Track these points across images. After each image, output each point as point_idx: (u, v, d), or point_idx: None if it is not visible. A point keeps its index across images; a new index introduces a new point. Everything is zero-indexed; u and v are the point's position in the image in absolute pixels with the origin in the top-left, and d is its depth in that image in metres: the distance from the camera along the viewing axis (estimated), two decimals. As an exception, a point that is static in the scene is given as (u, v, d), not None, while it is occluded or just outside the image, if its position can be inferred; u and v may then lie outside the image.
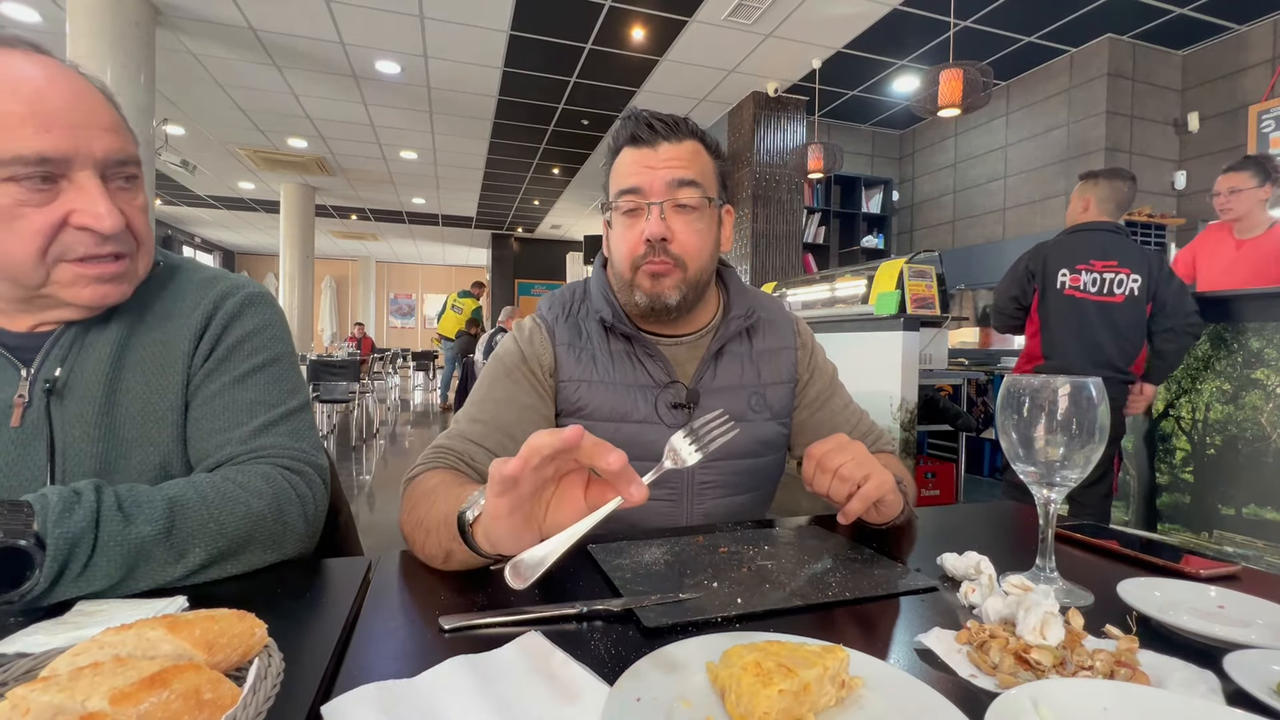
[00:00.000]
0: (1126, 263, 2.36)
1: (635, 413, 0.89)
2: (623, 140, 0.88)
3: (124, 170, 0.66)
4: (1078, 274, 2.42)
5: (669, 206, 0.84)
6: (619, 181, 0.86)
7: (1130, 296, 2.35)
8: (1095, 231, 2.44)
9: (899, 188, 6.72)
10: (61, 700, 0.31)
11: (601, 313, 0.91)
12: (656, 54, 4.90)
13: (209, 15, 4.36)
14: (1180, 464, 2.59)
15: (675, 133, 0.86)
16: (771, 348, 0.98)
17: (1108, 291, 2.38)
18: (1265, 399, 2.32)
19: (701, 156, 0.88)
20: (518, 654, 0.46)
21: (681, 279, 0.86)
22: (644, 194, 0.84)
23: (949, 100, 3.58)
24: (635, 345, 0.92)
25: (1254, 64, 4.37)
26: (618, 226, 0.88)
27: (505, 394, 0.88)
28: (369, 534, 3.15)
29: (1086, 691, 0.39)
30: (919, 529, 0.84)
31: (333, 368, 5.72)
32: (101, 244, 0.63)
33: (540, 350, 0.91)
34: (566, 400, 0.90)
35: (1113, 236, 2.43)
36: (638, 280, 0.87)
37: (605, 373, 0.90)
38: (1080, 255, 2.43)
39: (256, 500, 0.64)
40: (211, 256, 13.98)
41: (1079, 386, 0.58)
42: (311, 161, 7.71)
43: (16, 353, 0.67)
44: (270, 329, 0.78)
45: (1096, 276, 2.39)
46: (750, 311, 0.96)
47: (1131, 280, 2.35)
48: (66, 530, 0.52)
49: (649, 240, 0.84)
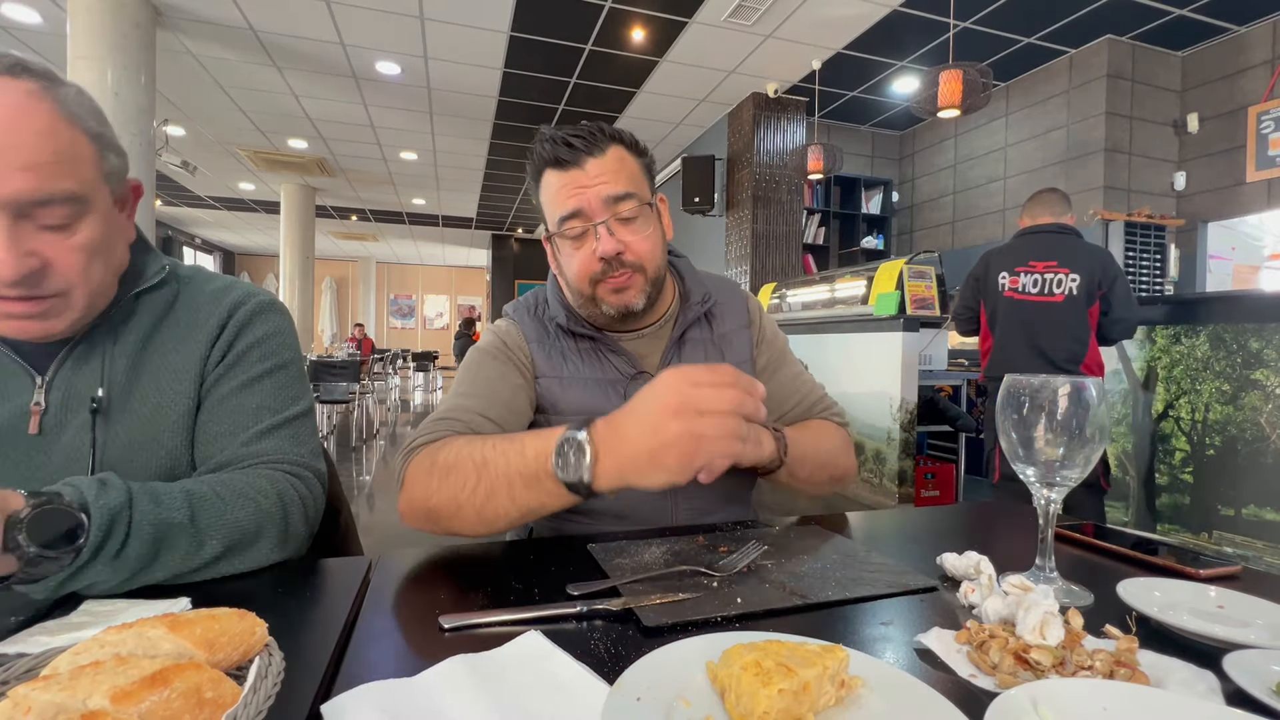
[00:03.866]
0: (1067, 262, 2.40)
1: (608, 406, 0.89)
2: (544, 164, 0.86)
3: (50, 213, 0.60)
4: (1016, 275, 2.47)
5: (613, 222, 0.84)
6: (556, 208, 0.85)
7: (1070, 296, 2.38)
8: (1041, 233, 2.50)
9: (899, 189, 6.72)
10: (63, 699, 0.31)
11: (557, 318, 0.92)
12: (656, 55, 4.90)
13: (209, 16, 4.36)
14: (1180, 464, 2.59)
15: (595, 145, 0.85)
16: (730, 330, 1.00)
17: (1047, 291, 2.41)
18: (1265, 399, 2.32)
19: (627, 161, 0.87)
20: (518, 654, 0.46)
21: (643, 282, 0.87)
22: (586, 216, 0.84)
23: (949, 101, 3.58)
24: (598, 343, 0.93)
25: (1253, 65, 4.38)
26: (566, 249, 0.88)
27: (497, 373, 0.89)
28: (369, 534, 3.15)
29: (1086, 691, 0.39)
30: (919, 529, 0.84)
31: (333, 368, 5.73)
32: (9, 287, 0.59)
33: (518, 341, 0.93)
34: (543, 396, 0.91)
35: (1058, 237, 2.46)
36: (600, 295, 0.87)
37: (575, 369, 0.91)
38: (1021, 257, 2.49)
39: (264, 499, 0.66)
40: (211, 257, 13.98)
41: (1079, 386, 0.58)
42: (312, 162, 7.71)
43: (30, 359, 0.67)
44: (279, 336, 0.79)
45: (1037, 277, 2.43)
46: (707, 296, 0.97)
47: (1070, 280, 2.38)
48: (107, 503, 0.55)
49: (604, 259, 0.84)
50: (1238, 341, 2.41)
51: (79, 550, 0.52)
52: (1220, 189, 4.59)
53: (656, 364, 0.94)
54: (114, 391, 0.68)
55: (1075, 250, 2.42)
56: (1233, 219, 4.58)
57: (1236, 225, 4.64)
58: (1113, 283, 2.36)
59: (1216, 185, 4.61)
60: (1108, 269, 2.37)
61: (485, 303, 14.75)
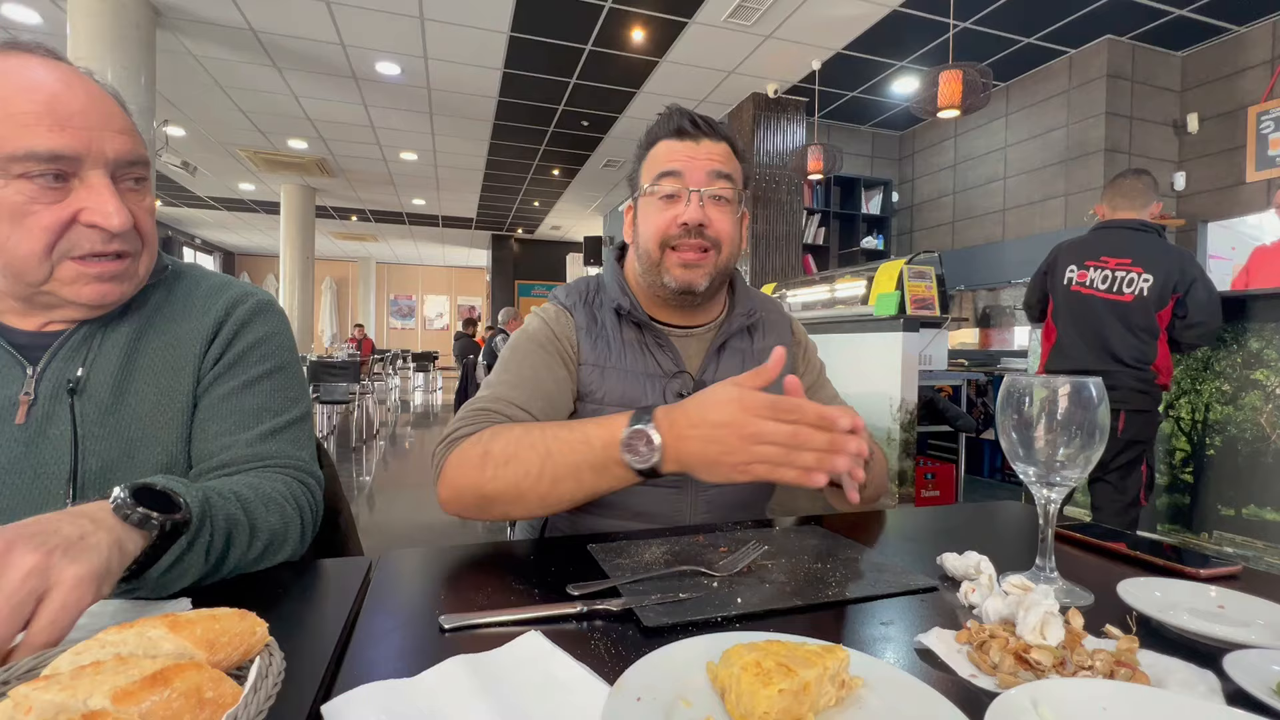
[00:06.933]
0: (1142, 262, 2.25)
1: (644, 399, 0.91)
2: (662, 133, 0.92)
3: (133, 171, 0.67)
4: (1085, 270, 2.35)
5: (706, 196, 0.88)
6: (658, 166, 0.90)
7: (1139, 296, 2.24)
8: (1116, 228, 2.36)
9: (899, 189, 6.72)
10: (64, 699, 0.31)
11: (618, 301, 0.94)
12: (656, 55, 4.91)
13: (209, 17, 4.36)
14: (1180, 464, 2.59)
15: (714, 132, 0.91)
16: (771, 346, 0.99)
17: (1116, 290, 2.29)
18: (1265, 400, 2.32)
19: (733, 158, 0.92)
20: (518, 654, 0.46)
21: (714, 262, 0.90)
22: (684, 179, 0.88)
23: (948, 101, 3.58)
24: (646, 334, 0.95)
25: (1253, 65, 4.38)
26: (650, 209, 0.91)
27: (542, 363, 0.90)
28: (369, 535, 3.15)
29: (1086, 691, 0.39)
30: (919, 529, 0.84)
31: (333, 369, 5.72)
32: (108, 241, 0.65)
33: (567, 330, 0.94)
34: (583, 383, 0.92)
35: (1134, 234, 2.31)
36: (667, 264, 0.90)
37: (619, 359, 0.93)
38: (1093, 251, 2.36)
39: (288, 505, 0.68)
40: (212, 258, 13.98)
41: (1079, 386, 0.58)
42: (312, 163, 7.72)
43: (23, 351, 0.67)
44: (278, 337, 0.80)
45: (1107, 273, 2.31)
46: (753, 310, 1.00)
47: (1143, 280, 2.23)
48: (191, 491, 0.56)
49: (685, 224, 0.87)
50: (1238, 341, 2.41)
51: (187, 522, 0.53)
52: (1220, 189, 4.59)
53: (698, 366, 0.96)
54: (109, 386, 0.68)
55: (1154, 250, 2.25)
56: (1232, 219, 4.58)
57: (1236, 225, 4.64)
58: (1191, 286, 2.19)
59: (1216, 185, 4.61)
60: (1186, 272, 2.20)
61: (485, 303, 14.75)
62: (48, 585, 0.41)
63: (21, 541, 0.42)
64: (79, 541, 0.44)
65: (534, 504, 0.72)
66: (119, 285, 0.68)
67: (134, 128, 0.68)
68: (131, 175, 0.67)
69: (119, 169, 0.65)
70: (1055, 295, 2.46)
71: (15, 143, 0.59)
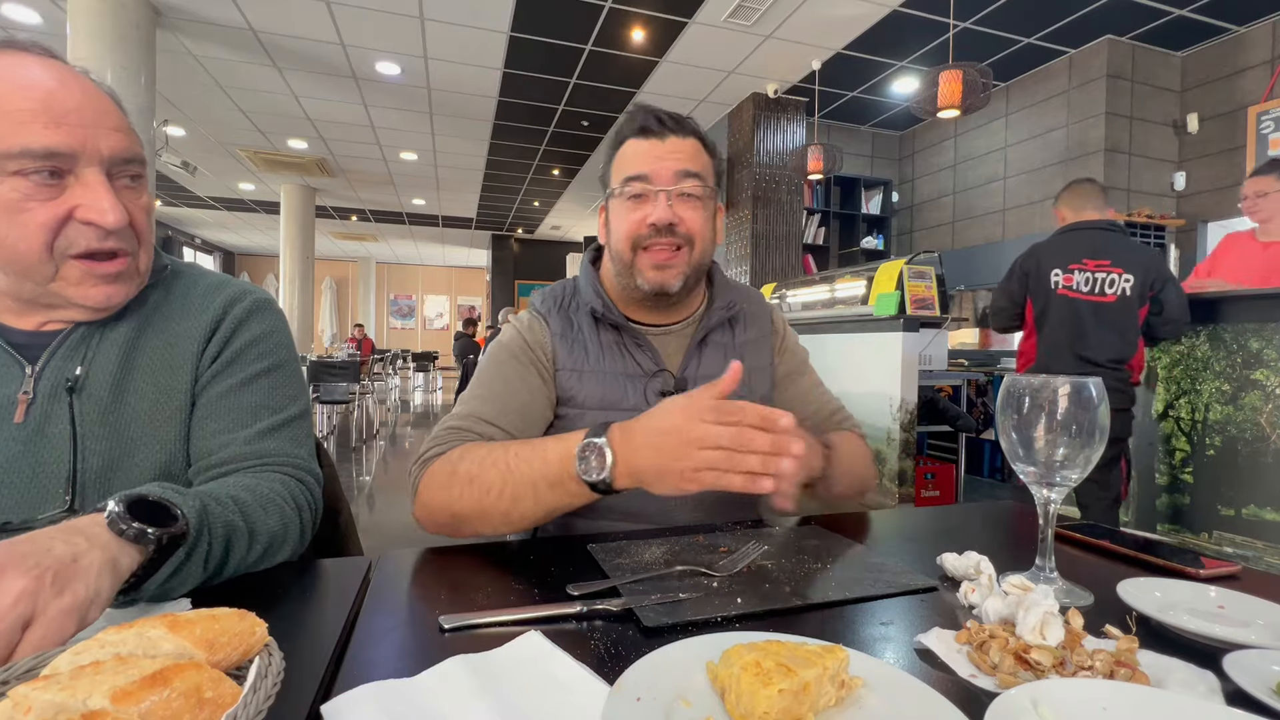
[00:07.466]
0: (1120, 262, 2.33)
1: (625, 400, 0.91)
2: (629, 132, 0.91)
3: (129, 169, 0.67)
4: (1070, 273, 2.39)
5: (675, 195, 0.88)
6: (625, 169, 0.90)
7: (1123, 296, 2.32)
8: (1088, 230, 2.41)
9: (899, 189, 6.72)
10: (63, 699, 0.31)
11: (591, 304, 0.94)
12: (656, 55, 4.90)
13: (209, 16, 4.36)
14: (1180, 464, 2.59)
15: (680, 128, 0.90)
16: (753, 338, 1.01)
17: (1099, 291, 2.35)
18: (1265, 399, 2.32)
19: (702, 154, 0.91)
20: (518, 654, 0.46)
21: (686, 260, 0.89)
22: (651, 181, 0.88)
23: (948, 101, 3.58)
24: (624, 335, 0.94)
25: (1253, 65, 4.38)
26: (620, 211, 0.91)
27: (516, 375, 0.90)
28: (369, 534, 3.15)
29: (1086, 691, 0.39)
30: (919, 529, 0.84)
31: (333, 369, 5.72)
32: (104, 239, 0.65)
33: (540, 338, 0.94)
34: (562, 388, 0.92)
35: (1106, 234, 2.39)
36: (639, 265, 0.89)
37: (596, 362, 0.92)
38: (1073, 254, 2.40)
39: (287, 506, 0.68)
40: (211, 257, 13.98)
41: (1079, 386, 0.58)
42: (312, 163, 7.71)
43: (22, 350, 0.67)
44: (276, 335, 0.80)
45: (1089, 276, 2.36)
46: (732, 303, 0.99)
47: (1124, 280, 2.31)
48: (188, 500, 0.56)
49: (654, 225, 0.87)
50: (1238, 341, 2.41)
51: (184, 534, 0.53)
52: (1220, 189, 4.59)
53: (679, 363, 0.95)
54: (107, 385, 0.68)
55: (1128, 250, 2.35)
56: (1232, 219, 4.58)
57: (1236, 225, 4.64)
58: (1164, 284, 2.30)
59: (1216, 185, 4.61)
60: (1160, 270, 2.31)
61: (485, 303, 14.74)
62: (34, 613, 0.41)
63: (12, 564, 0.41)
64: (71, 565, 0.44)
65: (498, 521, 0.72)
66: (122, 286, 0.68)
67: (129, 126, 0.68)
68: (127, 173, 0.67)
69: (114, 166, 0.65)
70: (1039, 299, 2.49)
71: (11, 140, 0.59)
